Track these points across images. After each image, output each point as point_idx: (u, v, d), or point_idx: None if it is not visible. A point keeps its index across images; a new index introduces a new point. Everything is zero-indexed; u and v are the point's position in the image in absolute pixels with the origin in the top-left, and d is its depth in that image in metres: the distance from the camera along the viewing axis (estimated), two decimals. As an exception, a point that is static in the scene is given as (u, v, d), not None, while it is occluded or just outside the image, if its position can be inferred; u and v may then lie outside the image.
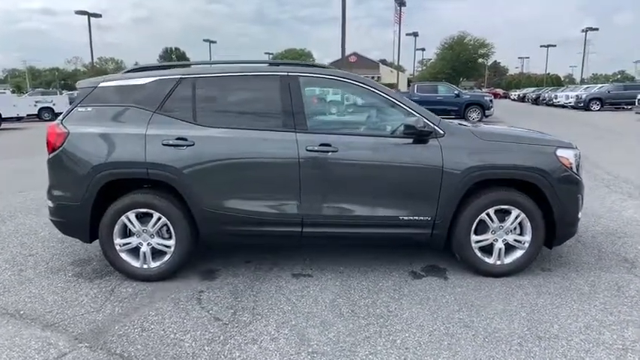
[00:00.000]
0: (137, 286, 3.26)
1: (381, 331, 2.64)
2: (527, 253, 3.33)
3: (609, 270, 3.49)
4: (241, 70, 3.40)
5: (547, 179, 3.21)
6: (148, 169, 3.15)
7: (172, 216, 3.23)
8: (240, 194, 3.23)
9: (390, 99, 3.32)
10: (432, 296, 3.08)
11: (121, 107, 3.29)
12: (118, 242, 3.29)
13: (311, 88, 3.38)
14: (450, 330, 2.65)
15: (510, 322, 2.73)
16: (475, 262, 3.34)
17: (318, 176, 3.20)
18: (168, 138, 3.17)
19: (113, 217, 3.23)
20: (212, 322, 2.76)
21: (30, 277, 3.44)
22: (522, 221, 3.29)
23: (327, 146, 3.17)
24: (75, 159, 3.21)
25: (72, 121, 3.28)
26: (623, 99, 25.09)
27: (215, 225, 3.26)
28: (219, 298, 3.08)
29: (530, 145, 3.31)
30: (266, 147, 3.20)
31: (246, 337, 2.59)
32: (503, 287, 3.21)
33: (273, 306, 2.96)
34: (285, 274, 3.47)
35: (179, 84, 3.30)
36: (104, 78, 3.40)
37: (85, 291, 3.20)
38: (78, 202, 3.22)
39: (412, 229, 3.28)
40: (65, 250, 4.02)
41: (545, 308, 2.90)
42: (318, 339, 2.57)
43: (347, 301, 3.03)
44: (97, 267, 3.63)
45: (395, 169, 3.22)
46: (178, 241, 3.27)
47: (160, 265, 3.32)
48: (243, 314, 2.86)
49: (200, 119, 3.26)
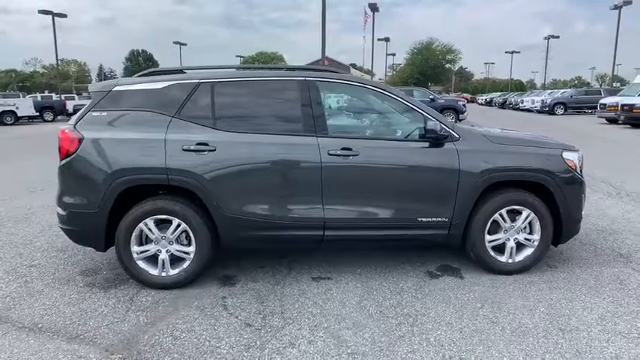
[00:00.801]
0: (156, 295, 3.20)
1: (413, 330, 2.71)
2: (536, 250, 3.49)
3: (608, 265, 3.71)
4: (260, 75, 3.41)
5: (555, 180, 3.39)
6: (168, 175, 3.11)
7: (193, 222, 3.19)
8: (262, 199, 3.23)
9: (406, 103, 3.42)
10: (452, 295, 3.18)
11: (138, 112, 3.23)
12: (135, 250, 3.22)
13: (329, 93, 3.42)
14: (477, 326, 2.75)
15: (532, 316, 2.87)
16: (489, 261, 3.47)
17: (340, 180, 3.25)
18: (189, 143, 3.14)
19: (131, 224, 3.16)
20: (244, 328, 2.75)
21: (39, 289, 3.31)
22: (532, 221, 3.45)
23: (348, 150, 3.22)
24: (91, 165, 3.13)
25: (86, 125, 3.19)
26: (584, 103, 26.50)
27: (237, 230, 3.25)
28: (245, 304, 3.07)
29: (539, 147, 3.49)
30: (288, 151, 3.22)
31: (282, 342, 2.60)
32: (517, 284, 3.35)
33: (301, 309, 2.98)
34: (304, 278, 3.49)
35: (197, 88, 3.27)
36: (118, 82, 3.32)
37: (102, 301, 3.11)
38: (94, 209, 3.13)
39: (430, 231, 3.38)
40: (69, 260, 3.88)
41: (559, 302, 3.05)
42: (354, 340, 2.61)
43: (373, 302, 3.09)
44: (108, 276, 3.53)
45: (414, 172, 3.31)
46: (198, 247, 3.23)
47: (179, 272, 3.26)
48: (273, 319, 2.86)
49: (220, 124, 3.24)
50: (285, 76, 3.41)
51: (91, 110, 3.23)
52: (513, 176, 3.38)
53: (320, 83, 3.35)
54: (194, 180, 3.12)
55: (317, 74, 3.40)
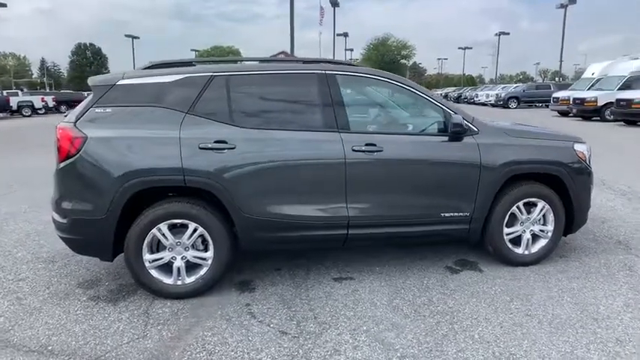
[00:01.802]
0: (173, 305, 2.96)
1: (454, 328, 2.67)
2: (550, 241, 3.56)
3: (612, 252, 3.86)
4: (277, 68, 3.23)
5: (567, 172, 3.46)
6: (185, 176, 2.87)
7: (211, 226, 2.97)
8: (285, 198, 3.06)
9: (426, 97, 3.36)
10: (479, 289, 3.17)
11: (147, 108, 2.96)
12: (147, 258, 2.96)
13: (349, 87, 3.30)
14: (515, 320, 2.75)
15: (562, 307, 2.91)
16: (507, 254, 3.50)
17: (364, 176, 3.14)
18: (206, 141, 2.91)
19: (143, 230, 2.90)
20: (280, 337, 2.60)
21: (36, 306, 2.97)
22: (546, 212, 3.52)
23: (372, 146, 3.12)
24: (97, 166, 2.83)
25: (88, 123, 2.88)
26: (535, 97, 27.97)
27: (258, 232, 3.07)
28: (272, 310, 2.91)
29: (552, 140, 3.55)
30: (312, 148, 3.07)
31: (326, 349, 2.47)
32: (535, 275, 3.40)
33: (333, 313, 2.86)
34: (325, 279, 3.37)
35: (211, 82, 3.05)
36: (123, 75, 3.03)
37: (114, 316, 2.84)
38: (101, 215, 2.84)
39: (452, 226, 3.36)
40: (61, 272, 3.52)
41: (582, 292, 3.13)
42: (399, 342, 2.53)
43: (404, 301, 3.02)
44: (111, 287, 3.24)
45: (437, 166, 3.27)
46: (217, 252, 3.02)
47: (196, 279, 3.04)
48: (307, 324, 2.73)
49: (238, 120, 3.04)
50: (303, 69, 3.25)
51: (93, 106, 2.92)
52: (531, 169, 3.42)
53: (339, 76, 3.22)
54: (213, 180, 2.91)
55: (335, 67, 3.27)
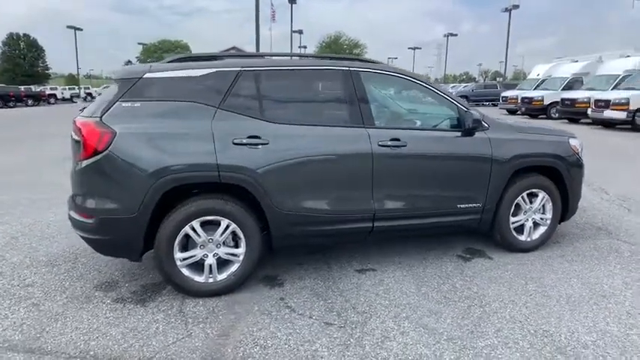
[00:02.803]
0: (206, 304, 2.92)
1: (486, 310, 2.85)
2: (548, 229, 3.87)
3: (597, 237, 4.25)
4: (304, 64, 3.25)
5: (564, 164, 3.78)
6: (219, 172, 2.83)
7: (243, 222, 2.95)
8: (315, 193, 3.10)
9: (442, 94, 3.53)
10: (494, 275, 3.39)
11: (178, 102, 2.88)
12: (178, 257, 2.89)
13: (371, 84, 3.38)
14: (536, 300, 2.98)
15: (572, 287, 3.19)
16: (512, 241, 3.76)
17: (389, 170, 3.25)
18: (240, 136, 2.89)
19: (176, 228, 2.83)
20: (327, 327, 2.65)
21: (58, 311, 2.81)
22: (545, 202, 3.81)
23: (397, 141, 3.24)
24: (127, 163, 2.72)
25: (115, 118, 2.76)
26: (483, 96, 29.53)
27: (290, 227, 3.08)
28: (309, 303, 2.94)
29: (551, 135, 3.85)
30: (341, 143, 3.13)
31: (376, 336, 2.56)
32: (538, 260, 3.68)
33: (369, 302, 2.95)
34: (348, 271, 3.44)
35: (240, 77, 3.02)
36: (149, 68, 2.92)
37: (148, 317, 2.75)
38: (132, 213, 2.74)
39: (466, 216, 3.56)
40: (70, 275, 3.34)
41: (584, 273, 3.43)
42: (441, 326, 2.67)
43: (430, 288, 3.17)
44: (133, 288, 3.12)
45: (454, 160, 3.45)
46: (248, 248, 3.01)
47: (228, 276, 3.01)
48: (348, 315, 2.80)
49: (268, 115, 3.03)
50: (328, 66, 3.29)
51: (119, 100, 2.80)
52: (535, 162, 3.69)
53: (363, 73, 3.30)
54: (247, 176, 2.89)
55: (359, 64, 3.35)
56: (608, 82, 15.51)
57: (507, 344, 2.48)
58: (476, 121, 3.36)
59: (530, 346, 2.46)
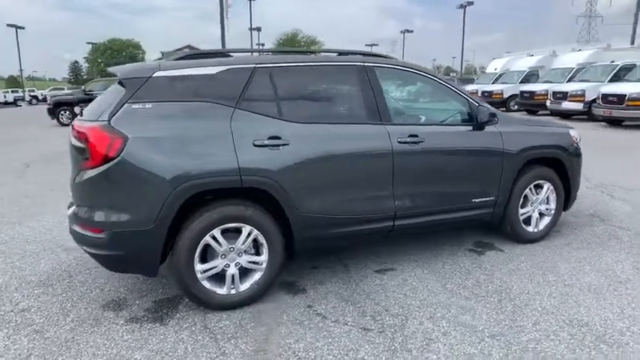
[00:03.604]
0: (230, 317, 2.73)
1: (516, 303, 2.85)
2: (553, 218, 3.96)
3: (592, 224, 4.40)
4: (317, 60, 3.12)
5: (567, 155, 3.87)
6: (241, 176, 2.65)
7: (265, 227, 2.79)
8: (338, 194, 2.99)
9: (454, 90, 3.50)
10: (512, 267, 3.41)
11: (192, 102, 2.67)
12: (199, 269, 2.69)
13: (386, 79, 3.29)
14: (560, 290, 3.02)
15: (587, 275, 3.26)
16: (521, 232, 3.81)
17: (409, 167, 3.19)
18: (260, 137, 2.72)
19: (196, 238, 2.62)
20: (366, 333, 2.54)
21: (67, 337, 2.53)
22: (549, 192, 3.89)
23: (415, 137, 3.18)
24: (142, 170, 2.49)
25: (125, 121, 2.51)
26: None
27: (313, 231, 2.95)
28: (338, 308, 2.83)
29: (554, 127, 3.94)
30: (362, 141, 3.03)
31: (419, 339, 2.48)
32: (547, 250, 3.75)
33: (400, 304, 2.87)
34: (367, 273, 3.36)
35: (254, 74, 2.84)
36: (158, 66, 2.68)
37: (172, 336, 2.53)
38: (149, 225, 2.51)
39: (480, 210, 3.56)
40: (69, 296, 3.04)
41: (593, 260, 3.53)
42: (479, 323, 2.63)
43: (455, 285, 3.14)
44: (145, 306, 2.88)
45: (469, 155, 3.44)
46: (271, 255, 2.85)
47: (250, 286, 2.84)
48: (384, 318, 2.71)
49: (286, 114, 2.88)
50: (343, 62, 3.17)
51: (127, 102, 2.55)
52: (542, 154, 3.75)
53: (378, 69, 3.21)
54: (269, 179, 2.73)
55: (373, 59, 3.25)
56: (563, 75, 16.34)
57: (549, 337, 2.48)
58: (492, 115, 3.36)
59: (571, 337, 2.48)
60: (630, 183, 5.93)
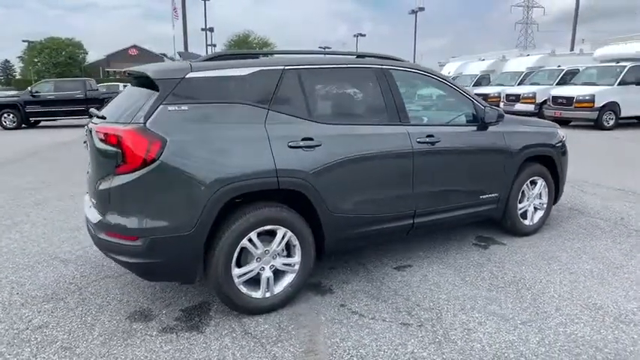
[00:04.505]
0: (267, 320, 2.71)
1: (534, 292, 3.04)
2: (545, 212, 4.25)
3: (575, 217, 4.76)
4: (340, 62, 3.16)
5: (557, 152, 4.18)
6: (278, 178, 2.64)
7: (299, 229, 2.80)
8: (365, 193, 3.04)
9: (461, 92, 3.67)
10: (518, 259, 3.63)
11: (227, 104, 2.62)
12: (236, 273, 2.64)
13: (402, 81, 3.38)
14: (569, 278, 3.26)
15: (587, 263, 3.53)
16: (519, 226, 4.06)
17: (427, 166, 3.30)
18: (294, 139, 2.72)
19: (234, 241, 2.58)
20: (408, 328, 2.62)
21: (101, 352, 2.39)
22: (542, 188, 4.18)
23: (431, 137, 3.30)
24: (182, 173, 2.41)
25: (161, 124, 2.42)
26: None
27: (343, 231, 2.99)
28: (372, 306, 2.88)
29: (545, 127, 4.23)
30: (387, 141, 3.11)
31: (458, 330, 2.59)
32: (543, 241, 4.02)
33: (429, 298, 2.97)
34: (387, 270, 3.44)
35: (284, 75, 2.84)
36: (190, 66, 2.60)
37: (215, 344, 2.47)
38: (188, 230, 2.43)
39: (486, 206, 3.76)
40: (87, 308, 2.87)
41: (587, 249, 3.82)
42: (507, 312, 2.78)
43: (474, 277, 3.29)
44: (174, 315, 2.78)
45: (479, 153, 3.62)
46: (304, 256, 2.86)
47: (285, 288, 2.83)
48: (418, 313, 2.79)
49: (315, 115, 2.90)
50: (363, 64, 3.23)
51: (162, 103, 2.46)
52: (537, 152, 4.01)
53: (394, 71, 3.31)
54: (304, 180, 2.74)
55: (389, 62, 3.34)
56: (514, 79, 17.42)
57: (574, 320, 2.68)
58: (500, 116, 3.57)
59: (592, 319, 2.69)
60: (595, 179, 6.45)
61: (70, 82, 16.97)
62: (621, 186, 6.01)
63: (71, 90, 15.96)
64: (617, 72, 12.61)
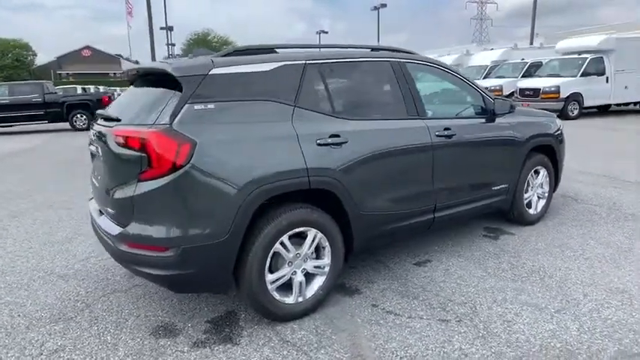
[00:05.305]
0: (301, 326, 2.60)
1: (556, 279, 3.08)
2: (547, 201, 4.35)
3: (569, 204, 4.90)
4: (360, 56, 3.07)
5: (556, 142, 4.27)
6: (309, 177, 2.52)
7: (329, 229, 2.70)
8: (390, 190, 2.98)
9: (470, 84, 3.68)
10: (532, 247, 3.68)
11: (254, 102, 2.48)
12: (269, 279, 2.51)
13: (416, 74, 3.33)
14: (586, 264, 3.33)
15: (596, 248, 3.63)
16: (525, 215, 4.13)
17: (445, 160, 3.28)
18: (322, 136, 2.62)
19: (267, 246, 2.45)
20: (447, 324, 2.58)
21: (133, 374, 2.21)
22: (544, 177, 4.27)
23: (448, 130, 3.28)
24: (212, 178, 2.25)
25: (188, 124, 2.25)
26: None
27: (370, 229, 2.91)
28: (404, 304, 2.83)
29: (545, 117, 4.31)
30: (409, 136, 3.06)
31: (497, 322, 2.58)
32: (549, 229, 4.11)
33: (460, 292, 2.95)
34: (409, 266, 3.40)
35: (306, 70, 2.72)
36: (212, 62, 2.43)
37: (256, 355, 2.33)
38: (222, 237, 2.28)
39: (497, 197, 3.79)
40: (103, 326, 2.65)
41: (592, 234, 3.93)
42: (540, 301, 2.80)
43: (495, 269, 3.30)
44: (200, 327, 2.62)
45: (490, 145, 3.64)
46: (334, 257, 2.76)
47: (316, 291, 2.72)
48: (453, 308, 2.76)
49: (339, 111, 2.81)
50: (380, 57, 3.16)
51: (188, 102, 2.28)
52: (541, 142, 4.09)
53: (409, 64, 3.26)
54: (333, 179, 2.64)
55: (402, 55, 3.29)
56: (479, 72, 17.92)
57: (604, 305, 2.73)
58: (512, 107, 3.60)
59: (621, 303, 2.75)
60: (577, 167, 6.68)
61: (26, 85, 15.96)
62: (604, 172, 6.28)
63: (28, 94, 15.02)
64: (579, 64, 13.23)
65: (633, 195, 5.13)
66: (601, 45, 13.29)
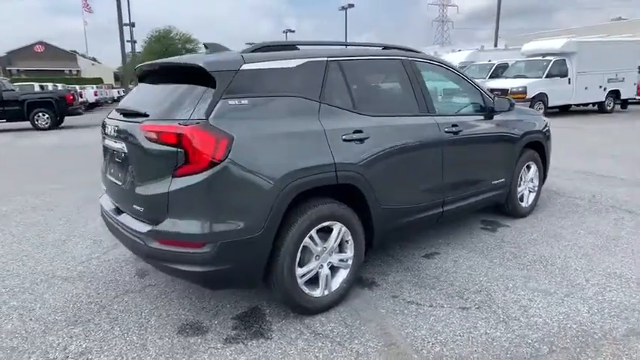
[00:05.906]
0: (329, 319, 2.65)
1: (558, 267, 3.28)
2: (537, 194, 4.59)
3: (553, 197, 5.19)
4: (374, 54, 3.14)
5: (544, 138, 4.52)
6: (337, 172, 2.57)
7: (352, 223, 2.76)
8: (408, 184, 3.08)
9: (471, 83, 3.83)
10: (530, 238, 3.88)
11: (283, 97, 2.50)
12: (299, 273, 2.54)
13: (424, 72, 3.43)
14: (581, 252, 3.55)
15: (586, 237, 3.88)
16: (519, 209, 4.35)
17: (452, 155, 3.41)
18: (347, 132, 2.67)
19: (298, 240, 2.48)
20: (467, 311, 2.70)
21: (170, 372, 2.18)
22: (535, 171, 4.50)
23: (455, 126, 3.42)
24: (248, 173, 2.26)
25: (224, 119, 2.25)
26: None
27: (389, 222, 2.99)
28: (422, 294, 2.93)
29: (534, 115, 4.55)
30: (423, 132, 3.16)
31: (514, 308, 2.72)
32: (540, 221, 4.34)
33: (473, 282, 3.08)
34: (419, 259, 3.51)
35: (328, 67, 2.77)
36: (242, 58, 2.42)
37: (291, 349, 2.36)
38: (258, 231, 2.29)
39: (496, 191, 3.97)
40: (126, 326, 2.59)
41: (581, 225, 4.19)
42: (547, 287, 2.98)
43: (500, 259, 3.46)
44: (227, 324, 2.61)
45: (491, 140, 3.82)
46: (357, 251, 2.83)
47: (340, 284, 2.78)
48: (470, 296, 2.89)
49: (360, 107, 2.87)
50: (393, 55, 3.24)
51: (222, 97, 2.27)
52: (533, 138, 4.31)
53: (417, 63, 3.37)
54: (357, 173, 2.70)
55: (410, 53, 3.40)
56: (449, 73, 18.42)
57: (606, 288, 2.94)
58: (512, 105, 3.78)
59: (619, 286, 2.97)
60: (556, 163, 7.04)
61: (-19, 82, 15.01)
62: (578, 168, 6.67)
63: (-18, 91, 14.15)
64: (543, 65, 13.93)
65: (609, 188, 5.49)
66: (564, 48, 14.06)
